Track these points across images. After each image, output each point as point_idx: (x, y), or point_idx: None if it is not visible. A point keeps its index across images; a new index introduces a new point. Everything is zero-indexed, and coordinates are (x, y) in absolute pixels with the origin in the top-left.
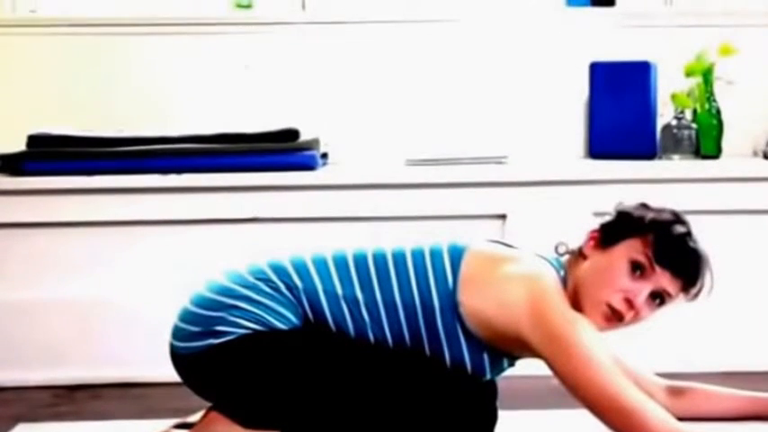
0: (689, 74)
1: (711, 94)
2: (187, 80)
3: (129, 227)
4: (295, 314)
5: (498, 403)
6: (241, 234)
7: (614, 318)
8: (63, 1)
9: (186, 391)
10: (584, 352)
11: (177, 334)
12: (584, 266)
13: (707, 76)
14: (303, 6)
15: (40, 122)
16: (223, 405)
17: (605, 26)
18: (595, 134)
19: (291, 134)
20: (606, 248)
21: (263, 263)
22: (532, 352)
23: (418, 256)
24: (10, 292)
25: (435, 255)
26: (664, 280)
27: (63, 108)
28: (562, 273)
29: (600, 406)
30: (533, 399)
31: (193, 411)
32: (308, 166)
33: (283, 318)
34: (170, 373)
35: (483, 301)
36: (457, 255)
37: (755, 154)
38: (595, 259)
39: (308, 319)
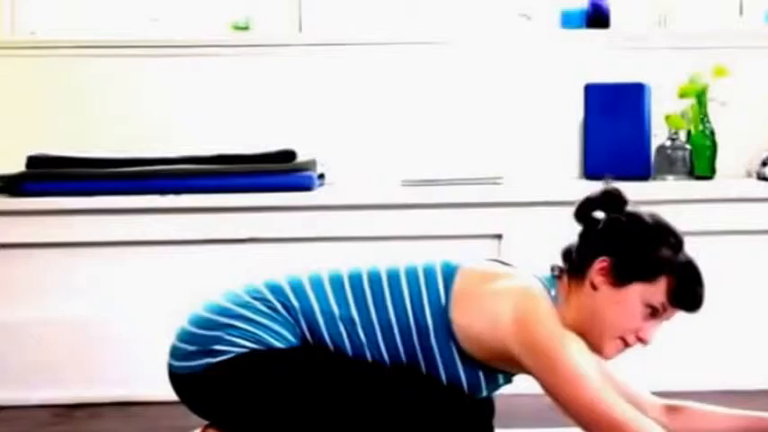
0: (683, 95)
1: (705, 115)
2: (185, 102)
3: (127, 247)
4: (292, 334)
5: (495, 421)
6: (238, 254)
7: (624, 349)
8: (62, 23)
9: (185, 409)
10: (572, 368)
11: (175, 353)
12: (597, 300)
13: (700, 97)
14: (300, 28)
15: (39, 143)
16: (221, 424)
17: (600, 48)
18: (590, 155)
19: (288, 155)
20: (620, 286)
21: (259, 283)
22: (524, 368)
23: (412, 275)
24: (9, 311)
25: (429, 273)
26: (674, 314)
27: (62, 129)
28: (553, 292)
29: (590, 423)
30: (530, 417)
31: (192, 428)
32: (305, 186)
33: (280, 337)
34: (169, 392)
35: (472, 317)
36: (450, 273)
37: (749, 175)
38: (608, 295)
39: (306, 338)
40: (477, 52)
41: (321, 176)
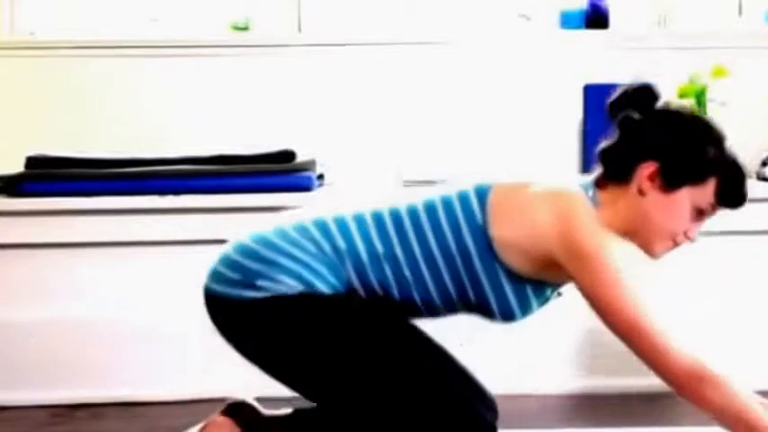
0: (682, 96)
1: (705, 115)
2: (184, 102)
3: (126, 247)
4: (336, 276)
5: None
6: None
7: (673, 248)
8: (61, 23)
9: (186, 409)
10: (612, 270)
11: (215, 277)
12: (645, 204)
13: (700, 97)
14: (299, 29)
15: (38, 144)
16: (245, 353)
17: (599, 48)
18: (590, 155)
19: (288, 155)
20: (669, 192)
21: (307, 220)
22: (566, 273)
23: (447, 202)
24: (9, 311)
25: (463, 198)
26: (720, 212)
27: (61, 130)
28: (591, 192)
29: (622, 328)
30: (530, 417)
31: (192, 425)
32: (305, 187)
33: (324, 279)
34: (170, 392)
35: (512, 228)
36: (483, 192)
37: (749, 175)
38: (657, 200)
39: (350, 280)
40: (476, 53)
41: (320, 177)
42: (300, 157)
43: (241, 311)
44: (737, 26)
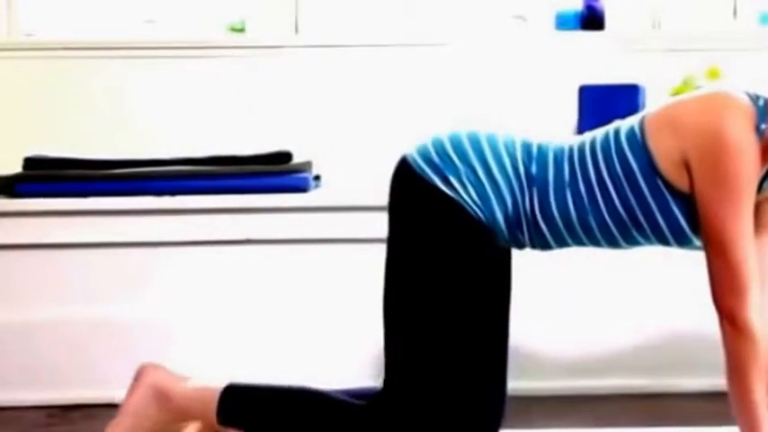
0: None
1: None
2: (181, 103)
3: (122, 248)
4: (520, 202)
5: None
6: (234, 256)
7: None
8: (58, 25)
9: None
10: (738, 202)
11: (421, 150)
12: None
13: None
14: (296, 30)
15: (35, 145)
16: (391, 221)
17: (594, 50)
18: None
19: (284, 156)
20: None
21: (518, 137)
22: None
23: (616, 131)
24: (5, 313)
25: (629, 126)
26: None
27: (58, 130)
28: (761, 102)
29: (717, 265)
30: (530, 417)
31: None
32: (301, 188)
33: (503, 205)
34: None
35: (664, 134)
36: (642, 118)
37: None
38: None
39: (532, 206)
40: (472, 54)
41: (317, 178)
42: (297, 158)
43: (423, 190)
44: (732, 28)
